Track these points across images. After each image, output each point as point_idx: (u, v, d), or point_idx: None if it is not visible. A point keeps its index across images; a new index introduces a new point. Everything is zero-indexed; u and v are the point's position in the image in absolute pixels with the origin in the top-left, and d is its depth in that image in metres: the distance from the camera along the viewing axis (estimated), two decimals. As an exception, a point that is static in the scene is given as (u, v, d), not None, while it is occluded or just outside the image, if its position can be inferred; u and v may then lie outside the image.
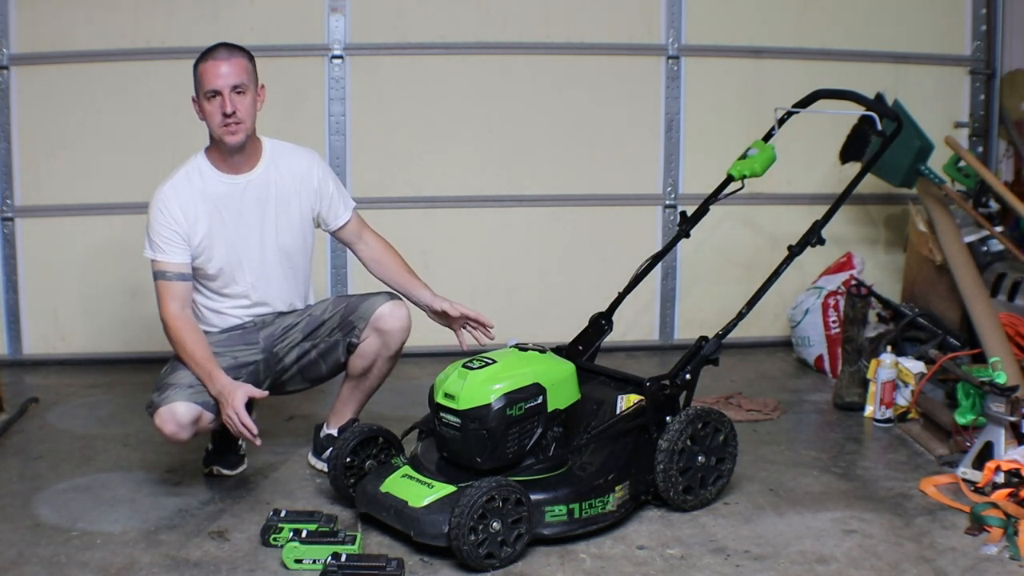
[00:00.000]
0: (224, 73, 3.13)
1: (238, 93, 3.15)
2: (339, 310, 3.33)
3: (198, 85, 3.17)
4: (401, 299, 3.35)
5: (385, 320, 3.28)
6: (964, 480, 3.28)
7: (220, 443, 3.40)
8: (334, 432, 3.41)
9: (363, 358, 3.32)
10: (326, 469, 3.26)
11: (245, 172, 3.27)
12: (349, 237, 3.45)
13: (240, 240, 3.26)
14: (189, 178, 3.23)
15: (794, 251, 3.33)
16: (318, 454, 3.44)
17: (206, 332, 3.26)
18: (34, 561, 2.76)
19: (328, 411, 3.50)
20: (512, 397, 2.86)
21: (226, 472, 3.37)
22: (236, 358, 3.25)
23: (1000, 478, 3.16)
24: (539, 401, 2.91)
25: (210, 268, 3.25)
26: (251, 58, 3.22)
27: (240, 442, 3.43)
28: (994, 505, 3.00)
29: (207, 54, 3.17)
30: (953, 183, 4.68)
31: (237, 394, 3.01)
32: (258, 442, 3.03)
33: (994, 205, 4.65)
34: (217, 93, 3.13)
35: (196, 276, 3.26)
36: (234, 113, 3.13)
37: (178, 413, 3.04)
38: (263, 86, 3.26)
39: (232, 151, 3.21)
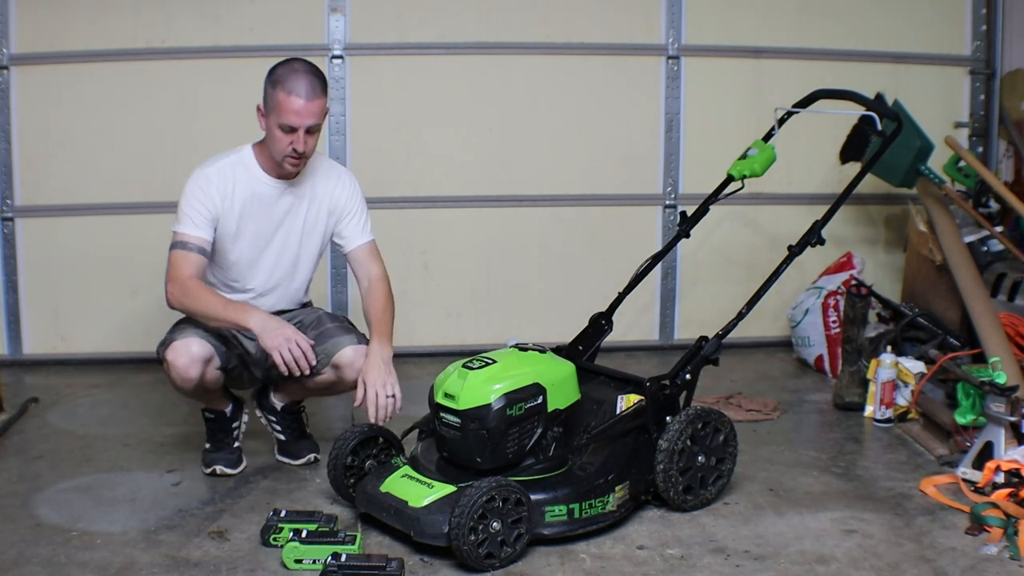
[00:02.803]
0: (304, 113, 3.14)
1: (310, 133, 3.18)
2: (316, 331, 3.33)
3: (273, 108, 3.15)
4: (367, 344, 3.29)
5: (344, 366, 3.26)
6: (964, 480, 3.28)
7: (216, 440, 3.42)
8: (282, 404, 3.52)
9: (315, 382, 3.33)
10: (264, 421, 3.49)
11: (287, 179, 3.31)
12: (355, 264, 3.42)
13: (262, 240, 3.31)
14: (234, 169, 3.26)
15: (794, 251, 3.33)
16: (263, 409, 3.54)
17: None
18: (34, 561, 2.76)
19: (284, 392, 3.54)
20: (512, 397, 2.86)
21: (228, 471, 3.37)
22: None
23: (1000, 478, 3.16)
24: (539, 401, 2.90)
25: (227, 258, 3.29)
26: (327, 92, 3.22)
27: (235, 435, 3.44)
28: (994, 505, 3.00)
29: (291, 82, 3.12)
30: (953, 183, 4.68)
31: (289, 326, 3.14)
32: (314, 360, 3.14)
33: (994, 205, 4.65)
34: (293, 129, 3.15)
35: (211, 263, 3.29)
36: (304, 152, 3.18)
37: (192, 347, 3.13)
38: (328, 111, 3.30)
39: (284, 176, 3.28)
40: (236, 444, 3.45)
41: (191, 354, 3.14)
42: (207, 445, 3.43)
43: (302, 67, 3.16)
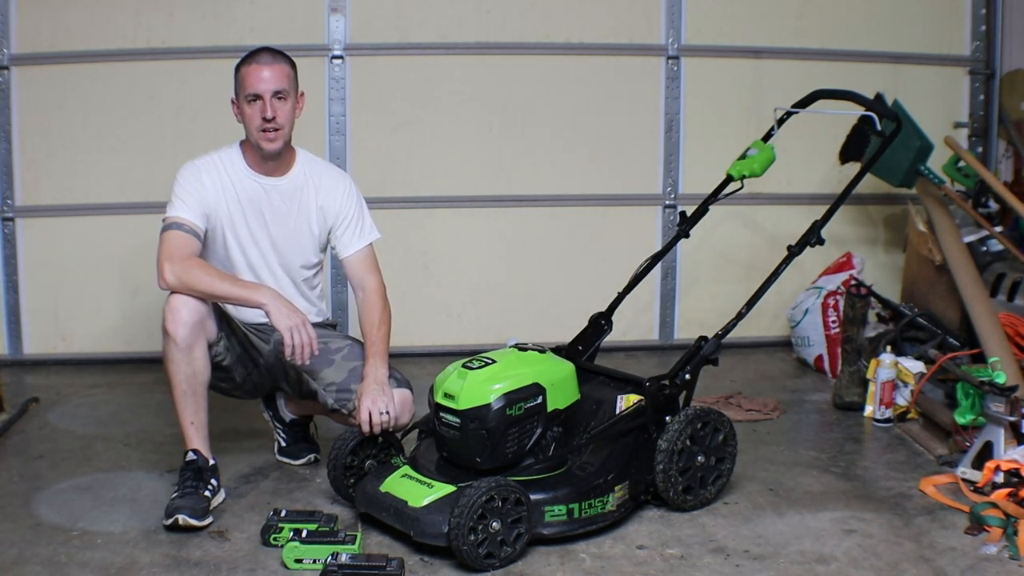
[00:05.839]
0: (267, 78, 3.15)
1: (279, 99, 3.17)
2: (347, 367, 3.27)
3: (239, 87, 3.20)
4: (403, 389, 3.22)
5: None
6: (964, 480, 3.28)
7: (185, 487, 3.02)
8: (291, 417, 3.53)
9: (343, 419, 3.29)
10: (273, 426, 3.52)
11: (275, 176, 3.29)
12: (349, 273, 3.37)
13: (249, 239, 3.28)
14: (222, 164, 3.25)
15: (794, 251, 3.33)
16: (273, 412, 3.55)
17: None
18: (34, 561, 2.76)
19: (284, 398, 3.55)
20: (512, 397, 2.86)
21: (192, 522, 2.92)
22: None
23: (1000, 478, 3.16)
24: (539, 401, 2.91)
25: (217, 256, 3.26)
26: (293, 65, 3.24)
27: (208, 489, 3.05)
28: (994, 505, 3.00)
29: (250, 57, 3.20)
30: (953, 183, 4.68)
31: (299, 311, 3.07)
32: (318, 350, 3.07)
33: (994, 205, 4.65)
34: (258, 97, 3.16)
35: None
36: (274, 119, 3.16)
37: (191, 301, 3.01)
38: (303, 94, 3.29)
39: (267, 157, 3.24)
40: (206, 494, 3.03)
41: (189, 305, 3.00)
42: (174, 494, 3.01)
43: (263, 48, 3.23)
